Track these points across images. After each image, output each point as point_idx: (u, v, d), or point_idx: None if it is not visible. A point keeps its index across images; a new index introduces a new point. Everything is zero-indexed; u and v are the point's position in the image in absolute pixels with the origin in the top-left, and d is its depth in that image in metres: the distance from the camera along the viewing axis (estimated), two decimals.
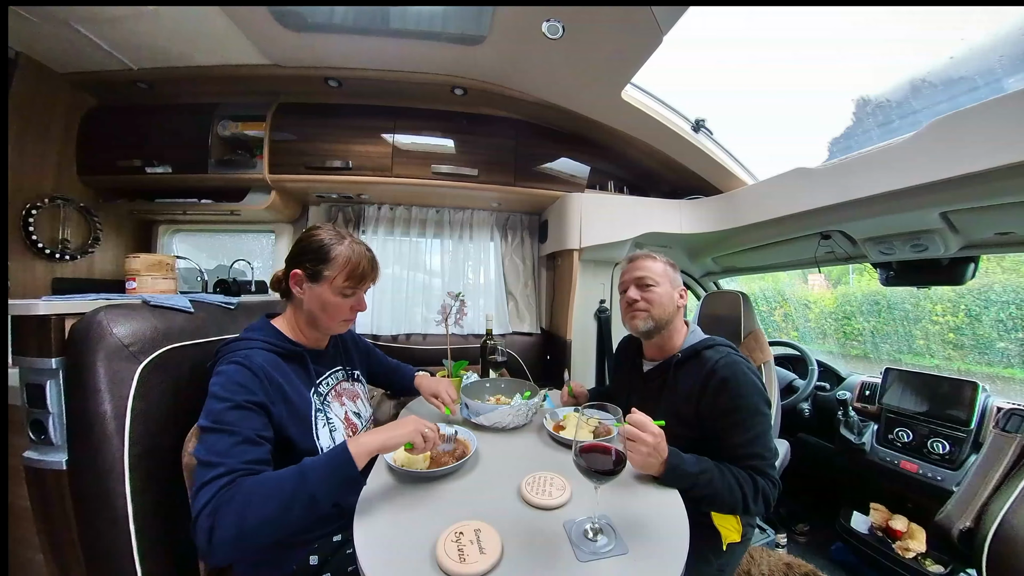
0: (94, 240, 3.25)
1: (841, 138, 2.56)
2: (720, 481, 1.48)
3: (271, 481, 1.19)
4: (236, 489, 1.13)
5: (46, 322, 1.42)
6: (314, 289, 1.58)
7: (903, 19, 2.08)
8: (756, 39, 2.38)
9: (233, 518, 1.09)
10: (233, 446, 1.22)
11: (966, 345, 3.54)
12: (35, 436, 1.45)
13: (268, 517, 1.12)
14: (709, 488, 1.46)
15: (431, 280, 3.92)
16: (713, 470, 1.50)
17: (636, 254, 1.92)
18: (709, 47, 2.40)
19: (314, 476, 1.22)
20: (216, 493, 1.12)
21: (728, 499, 1.47)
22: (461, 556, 1.02)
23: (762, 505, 1.50)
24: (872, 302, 4.24)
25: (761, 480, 1.51)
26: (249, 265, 3.69)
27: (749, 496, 1.47)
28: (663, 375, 1.85)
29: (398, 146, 3.18)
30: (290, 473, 1.22)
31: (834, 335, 4.63)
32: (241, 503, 1.11)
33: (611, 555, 1.09)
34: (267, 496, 1.14)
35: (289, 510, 1.15)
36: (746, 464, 1.53)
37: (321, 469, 1.24)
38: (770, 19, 2.29)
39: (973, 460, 2.33)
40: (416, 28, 2.51)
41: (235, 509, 1.10)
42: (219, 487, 1.13)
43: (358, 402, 1.87)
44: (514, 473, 1.45)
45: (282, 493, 1.16)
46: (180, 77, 2.91)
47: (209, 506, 1.10)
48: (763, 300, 5.16)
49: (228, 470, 1.16)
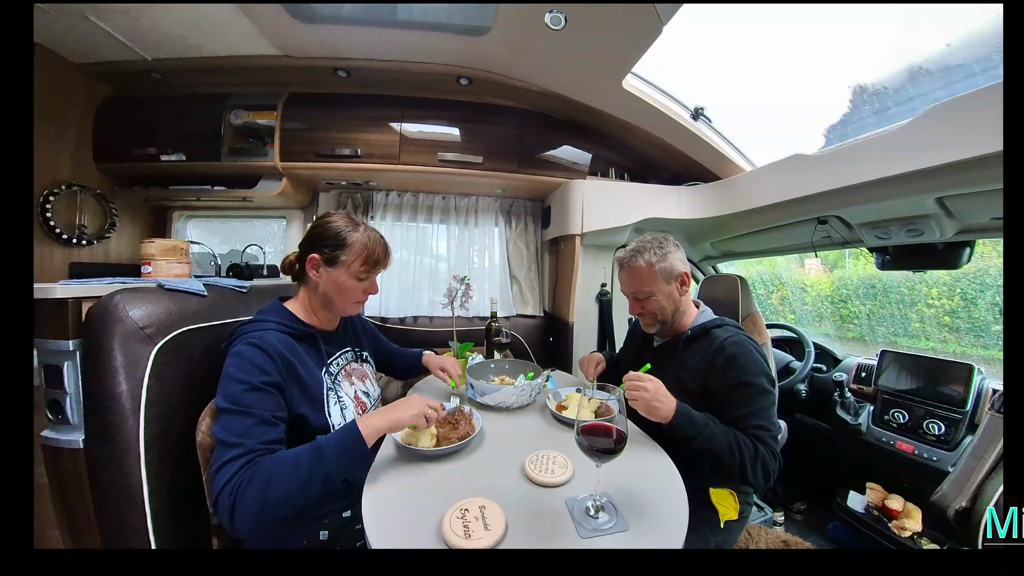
0: (110, 226, 3.26)
1: (838, 125, 2.53)
2: (723, 438, 1.49)
3: (288, 460, 1.21)
4: (255, 468, 1.16)
5: (63, 305, 1.42)
6: (331, 273, 1.61)
7: (900, 7, 2.06)
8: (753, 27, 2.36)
9: (254, 495, 1.12)
10: (251, 427, 1.24)
11: (962, 328, 3.51)
12: (52, 416, 1.45)
13: (287, 493, 1.16)
14: (713, 442, 1.48)
15: (438, 264, 3.92)
16: (718, 427, 1.52)
17: (624, 259, 1.88)
18: (708, 36, 2.38)
19: (329, 454, 1.25)
20: (236, 472, 1.15)
21: (727, 458, 1.48)
22: (466, 532, 1.02)
23: (761, 476, 1.49)
24: (868, 286, 4.21)
25: (762, 449, 1.51)
26: (261, 250, 3.74)
27: (748, 461, 1.47)
28: (672, 351, 1.85)
29: (405, 134, 3.18)
30: (305, 452, 1.24)
31: (830, 318, 4.60)
32: (261, 481, 1.14)
33: (612, 532, 1.09)
34: (286, 474, 1.18)
35: (306, 486, 1.19)
36: (749, 435, 1.53)
37: (334, 448, 1.27)
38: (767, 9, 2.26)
39: (969, 441, 2.31)
40: (422, 20, 2.50)
41: (256, 487, 1.13)
42: (239, 466, 1.16)
43: (367, 382, 1.89)
44: (518, 452, 1.45)
45: (299, 471, 1.19)
46: (193, 68, 2.90)
47: (230, 484, 1.14)
48: (761, 284, 5.12)
49: (247, 450, 1.20)
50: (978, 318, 3.40)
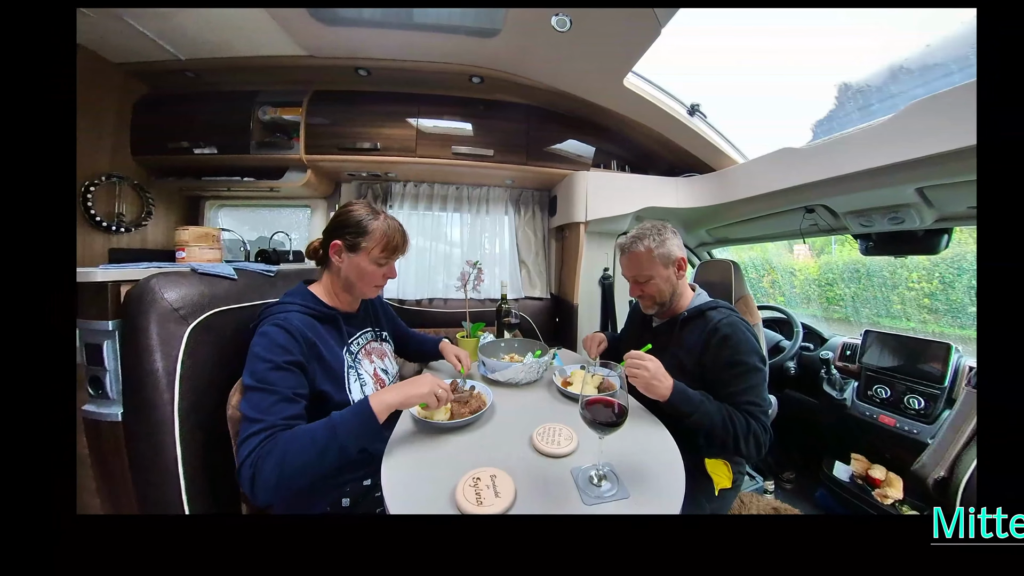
0: (147, 214, 3.25)
1: (824, 120, 2.52)
2: (716, 415, 1.48)
3: (305, 434, 1.21)
4: (274, 442, 1.17)
5: (103, 288, 1.43)
6: (352, 258, 1.60)
7: (882, 10, 2.05)
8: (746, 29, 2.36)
9: (272, 467, 1.13)
10: (273, 404, 1.25)
11: (940, 309, 3.50)
12: (93, 391, 1.46)
13: (303, 465, 1.16)
14: (707, 418, 1.47)
15: (451, 250, 3.92)
16: (712, 404, 1.51)
17: (625, 245, 1.86)
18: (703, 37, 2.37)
19: (342, 429, 1.24)
20: (257, 446, 1.16)
21: (721, 433, 1.47)
22: (478, 499, 1.03)
23: (753, 448, 1.49)
24: (853, 270, 4.20)
25: (754, 423, 1.50)
26: (287, 237, 3.74)
27: (740, 435, 1.47)
28: (671, 331, 1.84)
29: (421, 129, 3.17)
30: (321, 426, 1.24)
31: (817, 300, 4.59)
32: (279, 454, 1.15)
33: (614, 499, 1.09)
34: (303, 447, 1.18)
35: (321, 458, 1.19)
36: (742, 410, 1.52)
37: (347, 423, 1.27)
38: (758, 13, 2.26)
39: (947, 415, 2.31)
40: (437, 22, 2.50)
41: (274, 459, 1.14)
42: (260, 440, 1.17)
43: (386, 360, 1.89)
44: (526, 425, 1.45)
45: (315, 444, 1.19)
46: (224, 67, 2.88)
47: (251, 457, 1.15)
48: (752, 268, 5.10)
49: (268, 425, 1.20)
50: (955, 300, 3.40)
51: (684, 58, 2.55)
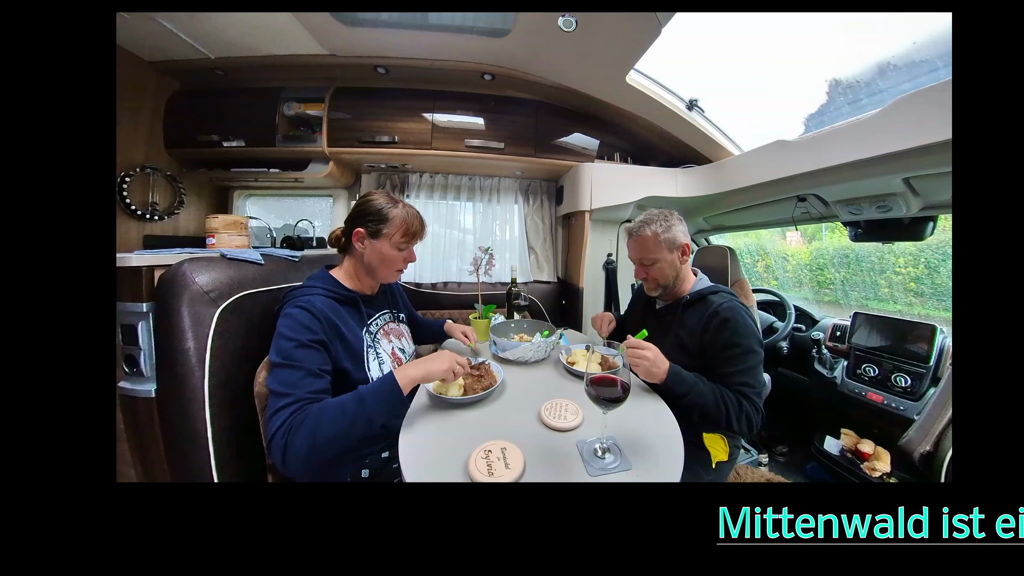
0: (179, 203, 3.27)
1: (816, 114, 2.51)
2: (710, 395, 1.49)
3: (334, 406, 1.21)
4: (305, 414, 1.17)
5: (138, 272, 1.43)
6: (374, 244, 1.60)
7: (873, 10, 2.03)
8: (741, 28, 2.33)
9: (304, 437, 1.13)
10: (300, 379, 1.25)
11: (926, 293, 3.48)
12: (128, 369, 1.47)
13: (334, 434, 1.17)
14: (701, 399, 1.48)
15: (464, 237, 3.94)
16: (706, 385, 1.52)
17: (633, 229, 1.85)
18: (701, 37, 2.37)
19: (370, 400, 1.25)
20: (288, 418, 1.16)
21: (714, 412, 1.48)
22: (490, 470, 1.03)
23: (745, 426, 1.49)
24: (842, 256, 4.17)
25: (746, 403, 1.50)
26: (311, 224, 3.75)
27: (732, 414, 1.48)
28: (673, 312, 1.83)
29: (437, 123, 3.17)
30: (349, 398, 1.24)
31: (809, 284, 4.57)
32: (311, 425, 1.15)
33: (617, 471, 1.08)
34: (333, 418, 1.18)
35: (350, 428, 1.19)
36: (736, 390, 1.53)
37: (375, 395, 1.27)
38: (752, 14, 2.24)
39: (932, 393, 2.29)
40: (451, 23, 2.52)
41: (306, 430, 1.14)
42: (290, 413, 1.17)
43: (403, 340, 1.88)
44: (534, 400, 1.44)
45: (344, 415, 1.20)
46: (252, 65, 2.88)
47: (282, 429, 1.15)
48: (747, 254, 5.08)
49: (297, 399, 1.20)
50: (940, 284, 3.38)
51: (683, 56, 2.54)
